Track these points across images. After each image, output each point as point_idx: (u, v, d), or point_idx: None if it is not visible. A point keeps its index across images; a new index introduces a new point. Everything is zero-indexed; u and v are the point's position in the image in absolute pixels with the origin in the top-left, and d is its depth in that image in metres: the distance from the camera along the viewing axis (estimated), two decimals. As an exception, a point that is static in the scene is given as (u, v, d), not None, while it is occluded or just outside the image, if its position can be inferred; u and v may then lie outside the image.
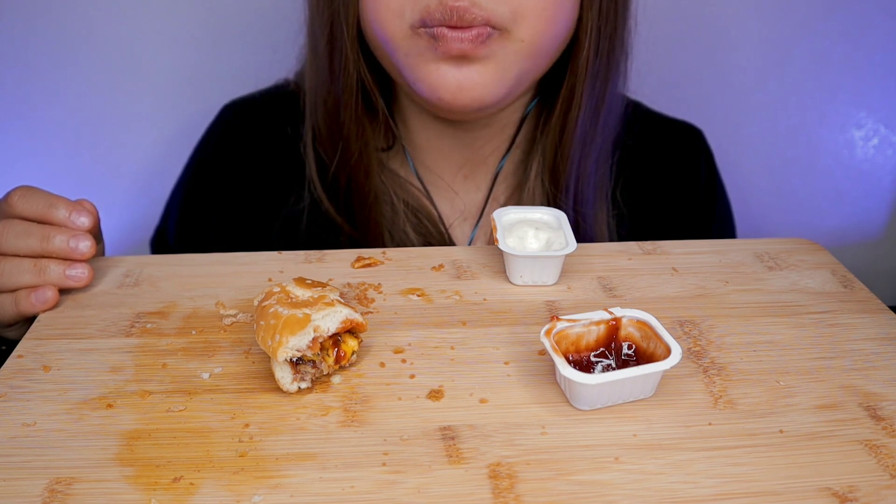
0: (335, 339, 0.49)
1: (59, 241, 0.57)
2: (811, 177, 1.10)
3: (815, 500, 0.41)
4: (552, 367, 0.49)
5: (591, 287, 0.60)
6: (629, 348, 0.50)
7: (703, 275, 0.62)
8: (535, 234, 0.60)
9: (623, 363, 0.49)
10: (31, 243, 0.57)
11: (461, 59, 0.65)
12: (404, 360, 0.51)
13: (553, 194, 0.76)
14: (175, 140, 0.99)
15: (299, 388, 0.48)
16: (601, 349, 0.50)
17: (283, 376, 0.47)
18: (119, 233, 1.00)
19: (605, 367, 0.49)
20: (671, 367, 0.46)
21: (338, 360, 0.49)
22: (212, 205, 0.81)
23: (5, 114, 0.98)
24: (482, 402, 0.47)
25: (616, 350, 0.50)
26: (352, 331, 0.50)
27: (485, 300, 0.58)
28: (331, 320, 0.48)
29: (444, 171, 0.79)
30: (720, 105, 1.04)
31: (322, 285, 0.51)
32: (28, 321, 0.57)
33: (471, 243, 0.79)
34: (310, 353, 0.47)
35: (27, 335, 0.54)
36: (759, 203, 1.10)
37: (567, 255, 0.59)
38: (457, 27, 0.62)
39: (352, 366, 0.50)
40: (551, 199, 0.76)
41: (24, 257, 0.57)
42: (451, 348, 0.52)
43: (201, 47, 0.97)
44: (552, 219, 0.63)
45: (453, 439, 0.44)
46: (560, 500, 0.41)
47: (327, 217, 0.77)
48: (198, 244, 0.80)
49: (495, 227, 0.61)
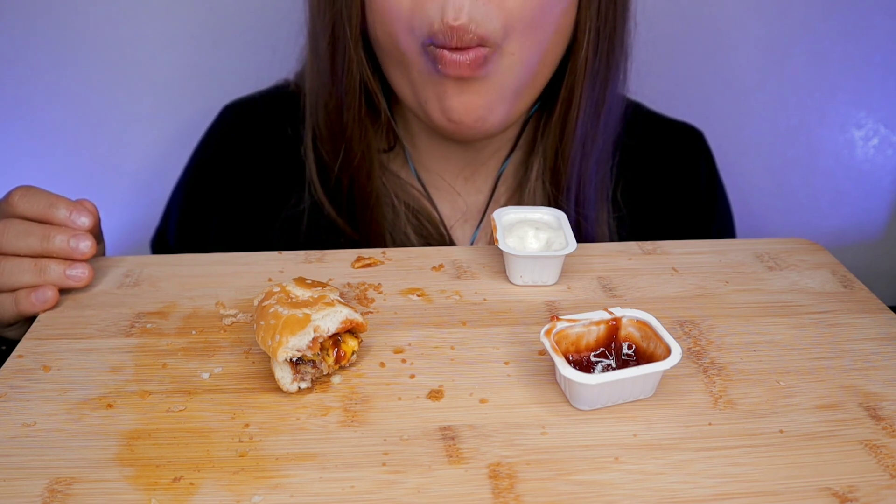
0: (335, 339, 0.49)
1: (59, 241, 0.57)
2: (811, 177, 1.10)
3: (815, 500, 0.41)
4: (552, 367, 0.49)
5: (591, 287, 0.60)
6: (629, 348, 0.50)
7: (703, 275, 0.62)
8: (535, 234, 0.60)
9: (623, 363, 0.49)
10: (32, 243, 0.57)
11: (462, 82, 0.65)
12: (404, 360, 0.51)
13: (554, 195, 0.76)
14: (175, 140, 0.99)
15: (299, 388, 0.48)
16: (601, 349, 0.50)
17: (283, 376, 0.47)
18: (119, 233, 1.00)
19: (605, 367, 0.49)
20: (671, 367, 0.46)
21: (338, 360, 0.49)
22: (212, 206, 0.81)
23: (5, 114, 0.98)
24: (482, 402, 0.47)
25: (616, 350, 0.50)
26: (352, 331, 0.50)
27: (485, 300, 0.58)
28: (331, 320, 0.48)
29: (445, 172, 0.79)
30: (720, 105, 1.04)
31: (322, 285, 0.51)
32: (28, 321, 0.57)
33: (471, 245, 0.79)
34: (310, 353, 0.47)
35: (27, 335, 0.54)
36: (760, 203, 1.10)
37: (567, 255, 0.59)
38: (456, 49, 0.63)
39: (352, 366, 0.50)
40: (552, 200, 0.76)
41: (24, 257, 0.57)
42: (451, 348, 0.52)
43: (201, 47, 0.97)
44: (552, 219, 0.63)
45: (453, 439, 0.44)
46: (560, 500, 0.41)
47: (328, 219, 0.77)
48: (198, 245, 0.80)
49: (495, 227, 0.61)
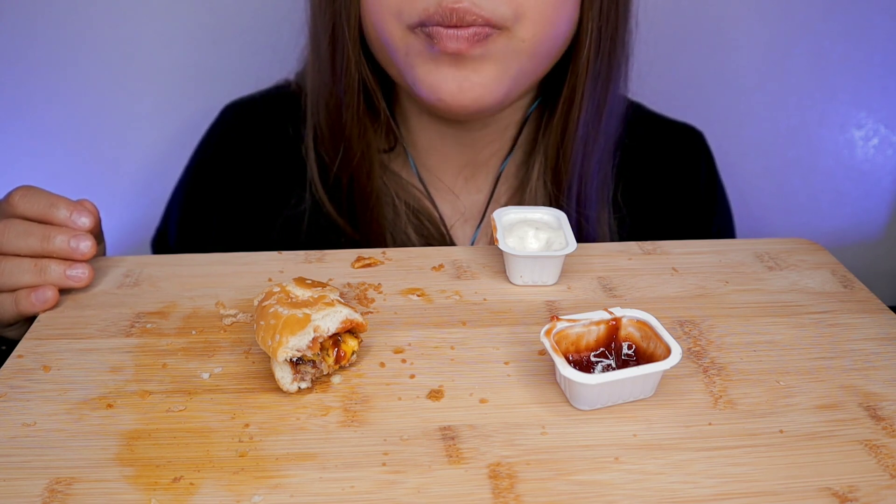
0: (335, 339, 0.49)
1: (59, 241, 0.57)
2: (811, 177, 1.10)
3: (815, 500, 0.41)
4: (552, 367, 0.49)
5: (591, 287, 0.60)
6: (629, 348, 0.50)
7: (703, 275, 0.62)
8: (535, 234, 0.60)
9: (623, 363, 0.49)
10: (32, 243, 0.57)
11: (458, 59, 0.64)
12: (404, 360, 0.51)
13: (555, 195, 0.76)
14: (175, 140, 0.99)
15: (299, 388, 0.48)
16: (601, 349, 0.50)
17: (283, 376, 0.47)
18: (119, 233, 1.00)
19: (605, 367, 0.49)
20: (671, 367, 0.46)
21: (338, 360, 0.49)
22: (212, 206, 0.81)
23: (5, 114, 0.98)
24: (482, 402, 0.47)
25: (616, 350, 0.50)
26: (352, 331, 0.50)
27: (485, 300, 0.58)
28: (331, 320, 0.48)
29: (446, 172, 0.79)
30: (720, 105, 1.04)
31: (322, 285, 0.51)
32: (28, 321, 0.57)
33: (472, 245, 0.79)
34: (310, 353, 0.47)
35: (27, 335, 0.54)
36: (760, 203, 1.10)
37: (567, 255, 0.59)
38: (454, 26, 0.62)
39: (352, 366, 0.50)
40: (553, 201, 0.76)
41: (24, 257, 0.57)
42: (451, 348, 0.52)
43: (201, 47, 0.97)
44: (552, 219, 0.63)
45: (453, 439, 0.44)
46: (560, 500, 0.41)
47: (328, 219, 0.77)
48: (198, 245, 0.80)
49: (495, 227, 0.61)
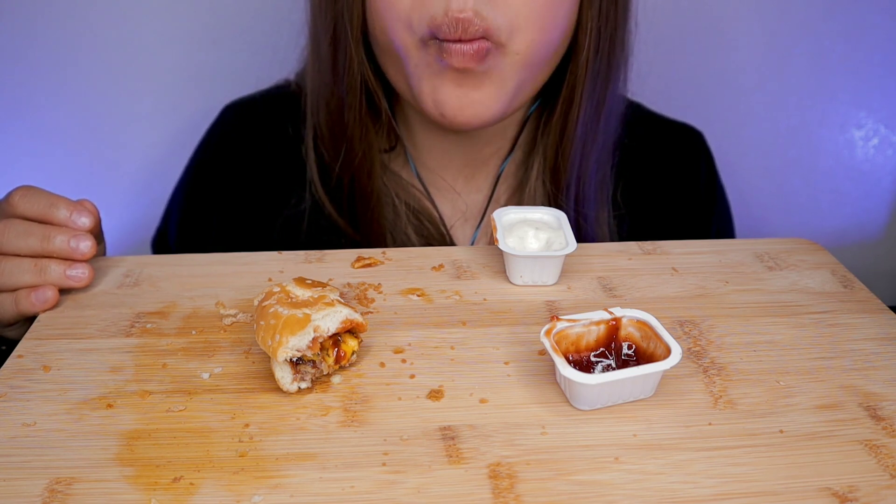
0: (335, 339, 0.49)
1: (59, 241, 0.57)
2: (811, 177, 1.10)
3: (815, 500, 0.41)
4: (552, 367, 0.49)
5: (591, 287, 0.60)
6: (629, 348, 0.50)
7: (703, 275, 0.62)
8: (535, 234, 0.60)
9: (623, 363, 0.49)
10: (32, 243, 0.57)
11: (461, 76, 0.65)
12: (404, 360, 0.51)
13: (554, 195, 0.76)
14: (175, 140, 0.99)
15: (299, 388, 0.48)
16: (601, 349, 0.50)
17: (283, 376, 0.47)
18: (119, 233, 1.00)
19: (605, 367, 0.49)
20: (671, 367, 0.46)
21: (338, 360, 0.49)
22: (212, 206, 0.81)
23: (5, 114, 0.98)
24: (482, 402, 0.47)
25: (616, 350, 0.50)
26: (352, 331, 0.50)
27: (485, 300, 0.58)
28: (331, 320, 0.48)
29: (446, 172, 0.79)
30: (720, 105, 1.04)
31: (322, 285, 0.51)
32: (28, 321, 0.57)
33: (472, 245, 0.79)
34: (310, 353, 0.47)
35: (27, 335, 0.54)
36: (760, 204, 1.10)
37: (567, 255, 0.59)
38: (461, 40, 0.63)
39: (352, 366, 0.50)
40: (552, 200, 0.76)
41: (24, 257, 0.57)
42: (451, 348, 0.52)
43: (201, 47, 0.97)
44: (552, 219, 0.63)
45: (453, 439, 0.44)
46: (560, 500, 0.41)
47: (328, 219, 0.77)
48: (198, 245, 0.80)
49: (495, 227, 0.61)
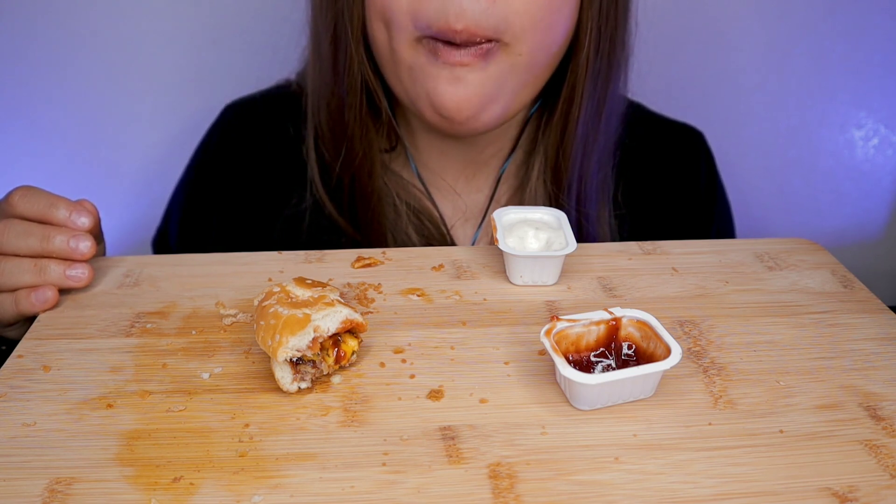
0: (335, 339, 0.49)
1: (59, 242, 0.57)
2: (811, 177, 1.10)
3: (815, 500, 0.41)
4: (552, 367, 0.49)
5: (591, 287, 0.60)
6: (629, 348, 0.50)
7: (703, 275, 0.62)
8: (535, 234, 0.60)
9: (623, 363, 0.49)
10: (32, 243, 0.57)
11: (460, 77, 0.65)
12: (404, 360, 0.51)
13: (555, 194, 0.76)
14: (176, 140, 0.99)
15: (299, 388, 0.48)
16: (601, 349, 0.50)
17: (283, 376, 0.47)
18: (119, 233, 1.00)
19: (605, 367, 0.49)
20: (671, 367, 0.46)
21: (338, 360, 0.49)
22: (213, 206, 0.81)
23: (5, 114, 0.98)
24: (482, 402, 0.47)
25: (616, 350, 0.50)
26: (352, 331, 0.50)
27: (485, 300, 0.58)
28: (331, 320, 0.48)
29: (447, 172, 0.79)
30: (720, 105, 1.04)
31: (322, 285, 0.51)
32: (28, 321, 0.57)
33: (473, 245, 0.79)
34: (310, 353, 0.47)
35: (27, 335, 0.54)
36: (760, 204, 1.10)
37: (567, 255, 0.59)
38: (458, 45, 0.63)
39: (352, 366, 0.50)
40: (553, 200, 0.76)
41: (24, 257, 0.57)
42: (451, 348, 0.52)
43: (201, 47, 0.97)
44: (552, 219, 0.63)
45: (453, 439, 0.44)
46: (560, 500, 0.41)
47: (329, 218, 0.77)
48: (199, 245, 0.80)
49: (495, 227, 0.61)
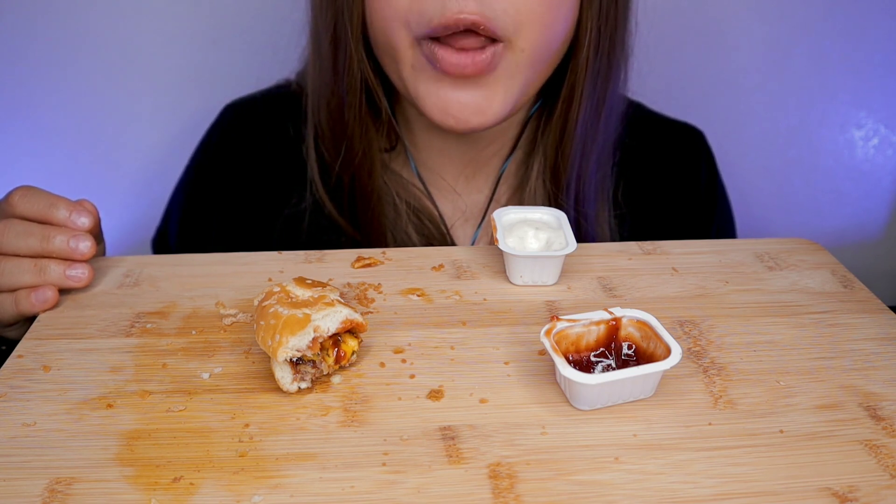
0: (335, 339, 0.49)
1: (59, 242, 0.57)
2: (811, 177, 1.10)
3: (815, 500, 0.41)
4: (552, 367, 0.49)
5: (591, 287, 0.60)
6: (629, 348, 0.50)
7: (703, 275, 0.62)
8: (535, 234, 0.60)
9: (623, 363, 0.49)
10: (32, 243, 0.57)
11: (462, 79, 0.65)
12: (404, 360, 0.51)
13: (554, 194, 0.76)
14: (176, 140, 0.99)
15: (299, 388, 0.48)
16: (601, 349, 0.50)
17: (283, 376, 0.47)
18: (119, 233, 1.00)
19: (605, 367, 0.49)
20: (671, 367, 0.46)
21: (338, 360, 0.49)
22: (213, 206, 0.81)
23: (5, 114, 0.98)
24: (482, 402, 0.47)
25: (616, 350, 0.50)
26: (352, 331, 0.50)
27: (485, 300, 0.58)
28: (331, 320, 0.48)
29: (447, 172, 0.79)
30: (720, 105, 1.04)
31: (322, 285, 0.51)
32: (28, 321, 0.57)
33: (473, 244, 0.79)
34: (310, 353, 0.47)
35: (27, 335, 0.54)
36: (760, 203, 1.10)
37: (567, 255, 0.59)
38: (460, 49, 0.62)
39: (352, 366, 0.50)
40: (552, 199, 0.76)
41: (24, 257, 0.57)
42: (451, 348, 0.52)
43: (201, 47, 0.97)
44: (552, 219, 0.63)
45: (453, 439, 0.44)
46: (560, 500, 0.41)
47: (329, 218, 0.77)
48: (199, 245, 0.80)
49: (495, 227, 0.61)
